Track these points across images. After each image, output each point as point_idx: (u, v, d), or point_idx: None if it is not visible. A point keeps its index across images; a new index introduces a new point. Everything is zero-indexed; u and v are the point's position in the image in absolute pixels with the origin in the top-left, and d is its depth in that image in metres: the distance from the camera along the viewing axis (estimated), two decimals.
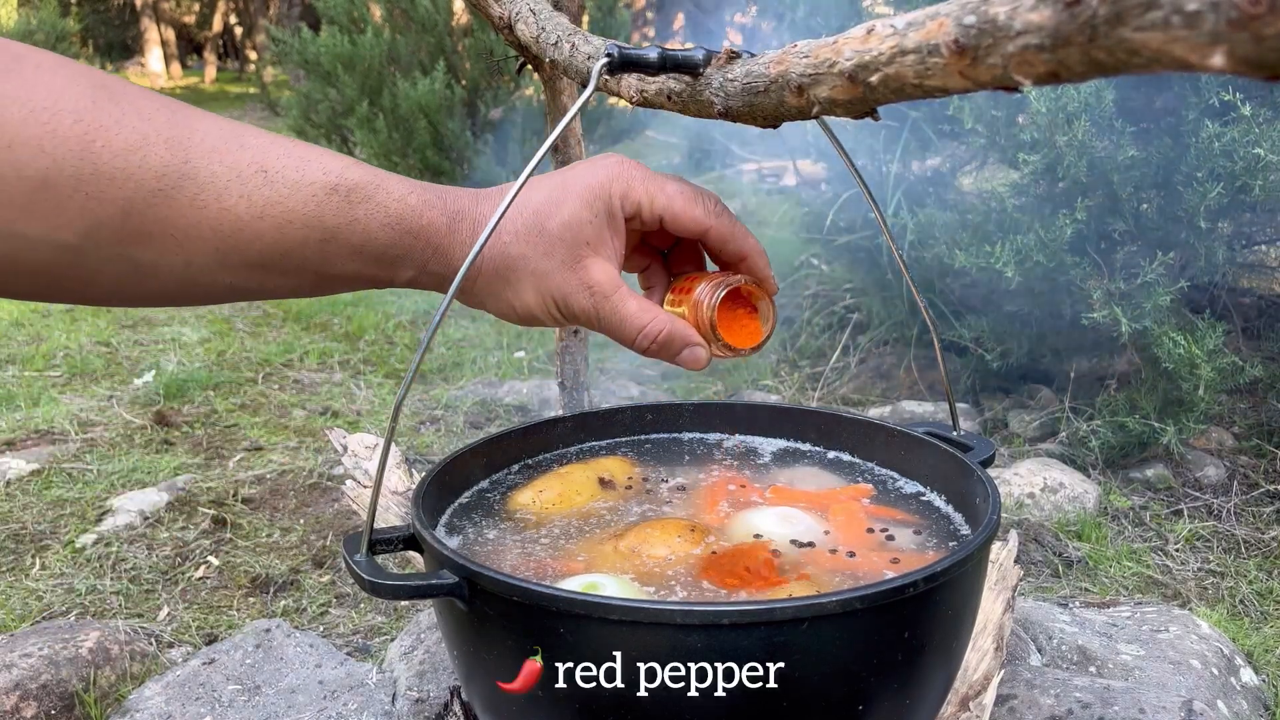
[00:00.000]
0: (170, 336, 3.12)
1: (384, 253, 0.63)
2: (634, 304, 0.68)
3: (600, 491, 0.94)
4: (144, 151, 0.54)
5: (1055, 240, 1.79)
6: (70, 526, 1.84)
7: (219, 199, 0.57)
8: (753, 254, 0.71)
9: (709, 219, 0.69)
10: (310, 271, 0.62)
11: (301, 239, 0.60)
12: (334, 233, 0.61)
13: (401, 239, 0.63)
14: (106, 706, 1.24)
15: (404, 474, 1.32)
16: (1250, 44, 0.31)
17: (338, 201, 0.61)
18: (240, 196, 0.57)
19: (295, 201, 0.59)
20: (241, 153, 0.58)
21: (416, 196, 0.64)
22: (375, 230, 0.62)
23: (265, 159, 0.59)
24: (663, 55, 0.69)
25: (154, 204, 0.55)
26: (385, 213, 0.62)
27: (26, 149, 0.51)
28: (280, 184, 0.59)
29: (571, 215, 0.66)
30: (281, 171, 0.59)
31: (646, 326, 0.68)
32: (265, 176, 0.58)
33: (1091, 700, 1.03)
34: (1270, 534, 1.75)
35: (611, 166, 0.68)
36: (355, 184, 0.61)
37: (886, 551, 0.82)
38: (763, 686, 0.64)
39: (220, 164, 0.57)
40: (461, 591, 0.69)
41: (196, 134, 0.57)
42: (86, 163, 0.52)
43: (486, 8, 1.21)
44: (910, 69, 0.48)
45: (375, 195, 0.62)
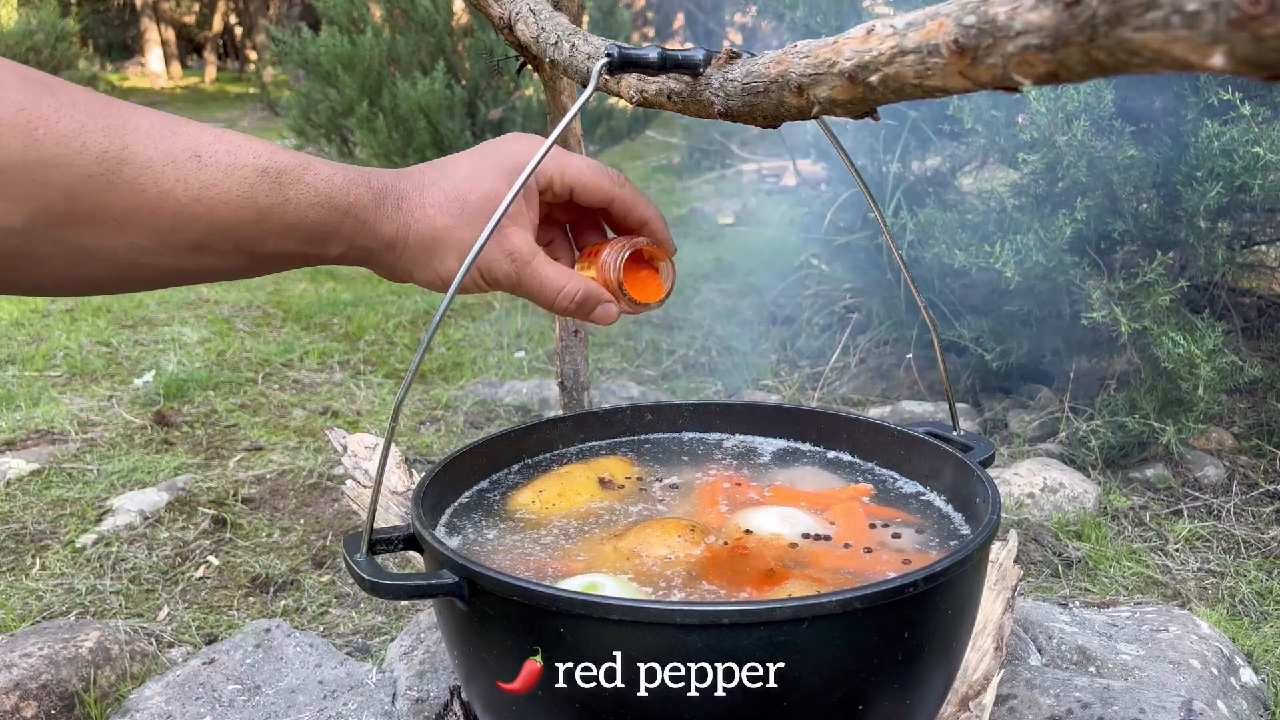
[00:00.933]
0: (170, 336, 3.11)
1: (315, 230, 0.67)
2: (552, 269, 0.74)
3: (600, 491, 0.94)
4: (83, 138, 0.57)
5: (1055, 240, 1.79)
6: (70, 526, 1.84)
7: (157, 182, 0.59)
8: (653, 219, 0.78)
9: (614, 188, 0.76)
10: (246, 251, 0.65)
11: (237, 220, 0.63)
12: (267, 212, 0.64)
13: (330, 216, 0.67)
14: (106, 706, 1.24)
15: (404, 474, 1.32)
16: (1250, 44, 0.31)
17: (269, 183, 0.64)
18: (177, 180, 0.60)
19: (230, 184, 0.62)
20: (175, 139, 0.61)
21: (342, 176, 0.68)
22: (305, 208, 0.66)
23: (198, 145, 0.62)
24: (663, 55, 0.69)
25: (95, 188, 0.57)
26: (314, 192, 0.66)
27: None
28: (214, 167, 0.62)
29: (491, 188, 0.71)
30: (215, 156, 0.62)
31: (565, 288, 0.74)
32: (200, 161, 0.61)
33: (1091, 700, 1.03)
34: (1270, 534, 1.75)
35: (525, 142, 0.74)
36: (285, 166, 0.65)
37: (888, 551, 0.82)
38: (763, 686, 0.64)
39: (156, 149, 0.60)
40: (461, 591, 0.69)
41: (131, 122, 0.59)
42: (31, 149, 0.55)
43: (486, 8, 1.21)
44: (910, 69, 0.48)
45: (304, 176, 0.66)
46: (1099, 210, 1.85)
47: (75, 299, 3.54)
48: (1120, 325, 1.75)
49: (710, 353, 2.89)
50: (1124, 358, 2.18)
